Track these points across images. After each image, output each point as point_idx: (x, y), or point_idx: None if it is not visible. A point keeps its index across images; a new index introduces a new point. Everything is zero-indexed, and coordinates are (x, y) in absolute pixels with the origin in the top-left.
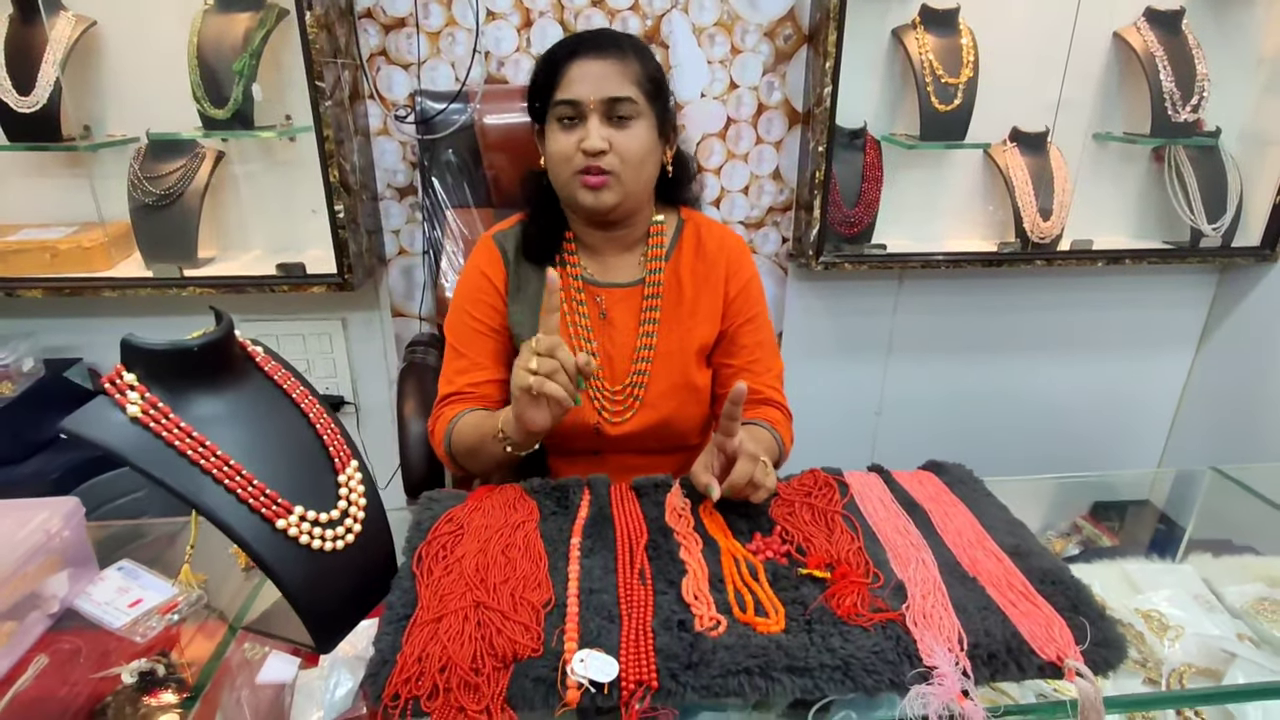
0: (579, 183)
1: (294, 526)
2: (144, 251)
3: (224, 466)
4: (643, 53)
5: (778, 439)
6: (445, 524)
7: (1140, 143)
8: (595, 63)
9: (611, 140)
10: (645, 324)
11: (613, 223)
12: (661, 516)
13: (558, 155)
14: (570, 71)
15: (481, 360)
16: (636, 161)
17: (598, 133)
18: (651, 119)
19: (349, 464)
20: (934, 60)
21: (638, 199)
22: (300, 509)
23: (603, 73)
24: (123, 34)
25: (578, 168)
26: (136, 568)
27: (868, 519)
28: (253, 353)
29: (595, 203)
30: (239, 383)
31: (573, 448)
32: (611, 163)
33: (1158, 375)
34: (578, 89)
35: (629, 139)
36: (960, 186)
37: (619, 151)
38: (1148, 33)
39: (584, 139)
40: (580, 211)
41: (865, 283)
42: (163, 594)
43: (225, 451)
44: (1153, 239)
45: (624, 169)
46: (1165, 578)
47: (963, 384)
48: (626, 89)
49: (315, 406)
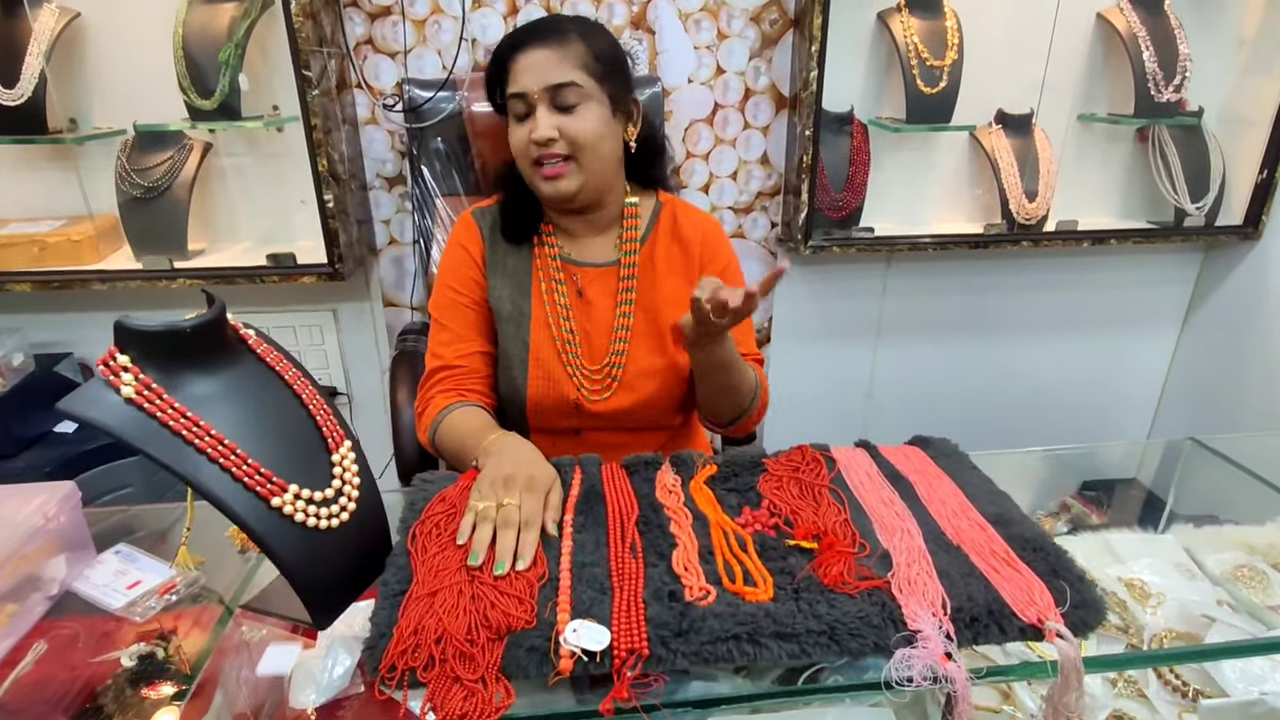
0: (537, 175)
1: (289, 504)
2: (133, 244)
3: (218, 446)
4: (589, 33)
5: (755, 377)
6: (438, 504)
7: (1124, 123)
8: (537, 52)
9: (561, 127)
10: (622, 305)
11: (582, 207)
12: (652, 493)
13: (515, 149)
14: (515, 64)
15: (465, 332)
16: (590, 144)
17: (546, 122)
18: (603, 98)
19: (342, 444)
20: (919, 43)
21: (601, 181)
22: (295, 487)
23: (545, 61)
24: (107, 25)
25: (533, 158)
26: (134, 551)
27: (854, 492)
28: (245, 335)
29: (555, 192)
30: (232, 364)
31: (554, 425)
32: (564, 149)
33: (1143, 353)
34: (522, 81)
35: (578, 122)
36: (946, 169)
37: (569, 137)
38: (1130, 14)
39: (534, 130)
40: (546, 203)
41: (853, 266)
42: (160, 575)
43: (219, 431)
44: (1137, 219)
45: (580, 153)
46: (1147, 547)
47: (951, 365)
48: (568, 74)
49: (308, 388)
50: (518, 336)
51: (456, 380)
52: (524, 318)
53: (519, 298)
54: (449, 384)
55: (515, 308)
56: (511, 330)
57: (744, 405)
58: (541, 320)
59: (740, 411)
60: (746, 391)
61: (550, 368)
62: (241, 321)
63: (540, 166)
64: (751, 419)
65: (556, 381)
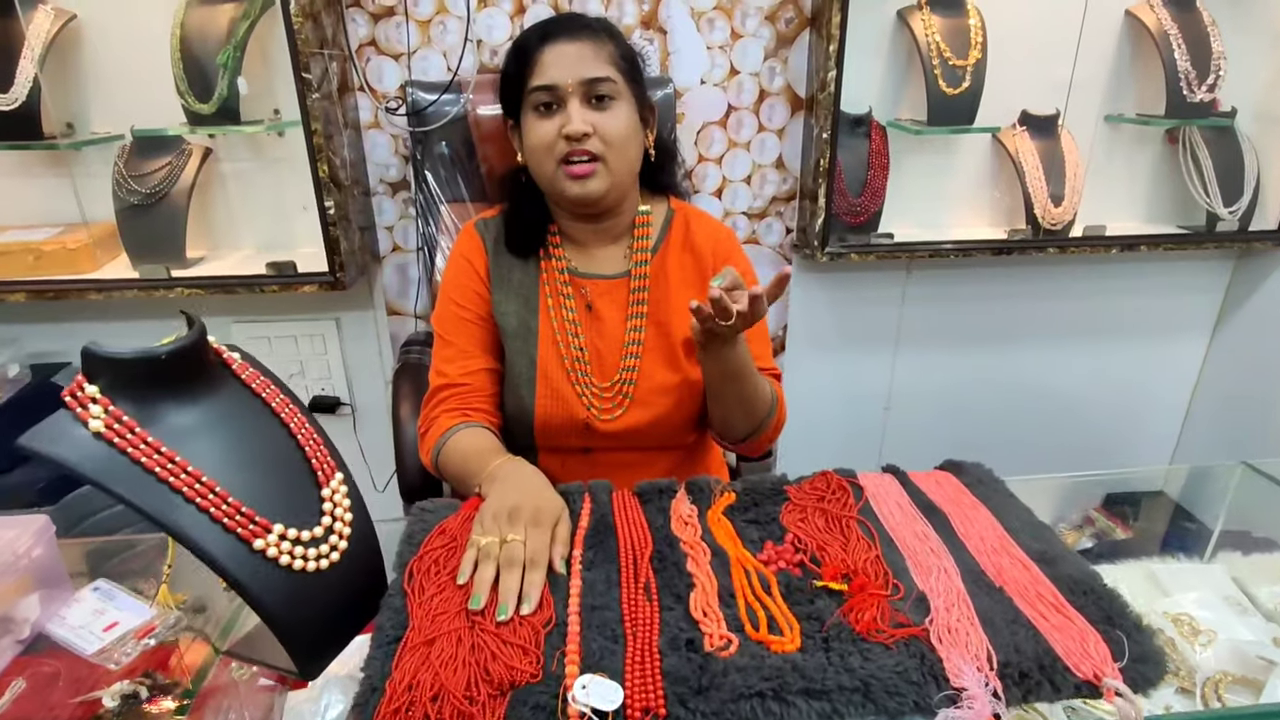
0: (564, 174)
1: (273, 546)
2: (130, 252)
3: (195, 484)
4: (615, 34)
5: (771, 392)
6: (438, 537)
7: (1154, 124)
8: (570, 45)
9: (594, 123)
10: (633, 318)
11: (600, 213)
12: (667, 525)
13: (538, 145)
14: (544, 56)
15: (470, 348)
16: (621, 143)
17: (579, 116)
18: (631, 100)
19: (333, 476)
20: (941, 42)
21: (624, 185)
22: (280, 527)
23: (578, 54)
24: (104, 27)
25: (560, 155)
26: (113, 588)
27: (884, 524)
28: (228, 359)
29: (583, 192)
30: (213, 392)
31: (563, 445)
32: (596, 146)
33: (1171, 363)
34: (554, 73)
35: (612, 120)
36: (968, 172)
37: (602, 134)
38: (1161, 10)
39: (565, 124)
40: (566, 203)
41: (872, 273)
42: (140, 616)
43: (197, 467)
44: (1166, 223)
45: (609, 152)
46: (1192, 578)
47: (972, 375)
48: (604, 68)
49: (296, 416)
50: (524, 353)
51: (461, 399)
52: (531, 334)
53: (525, 313)
54: (453, 403)
55: (521, 324)
56: (518, 347)
57: (758, 420)
58: (549, 336)
59: (755, 427)
60: (761, 406)
61: (559, 386)
62: (226, 344)
63: (568, 164)
64: (767, 435)
65: (565, 400)
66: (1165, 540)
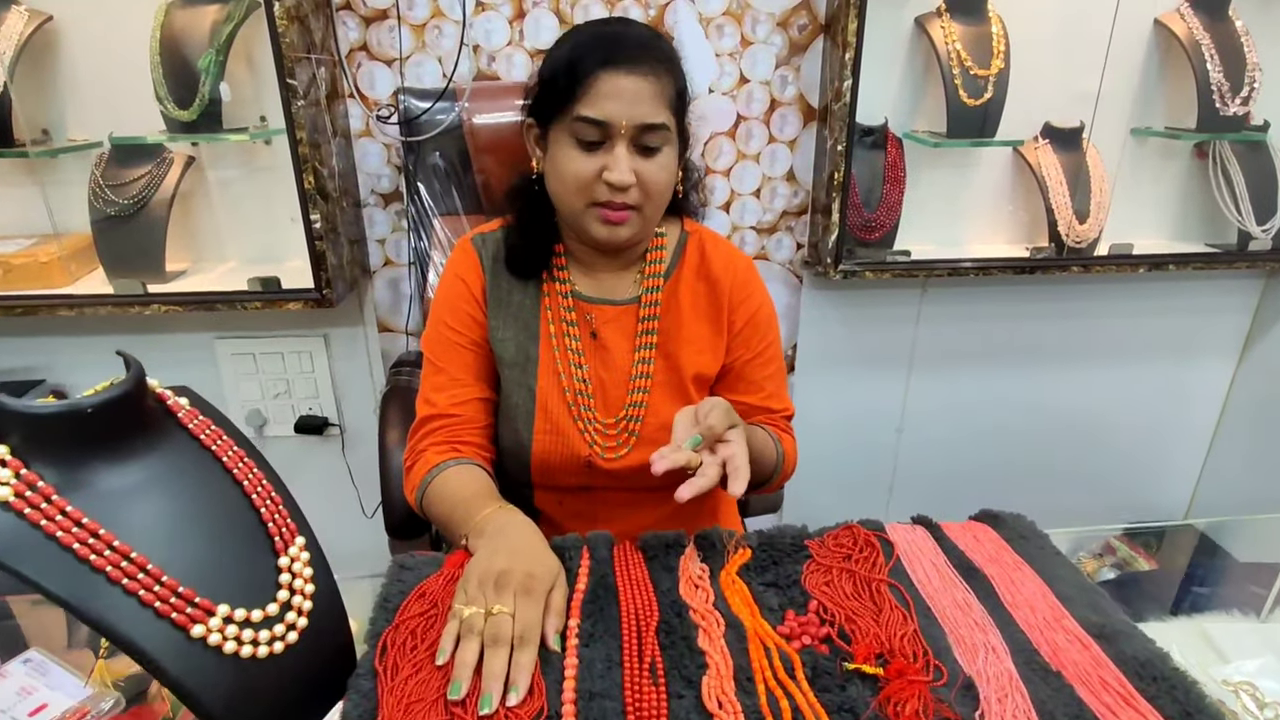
0: (595, 216)
1: (216, 632)
2: (106, 266)
3: (123, 562)
4: (674, 64)
5: (774, 439)
6: (416, 602)
7: (1184, 138)
8: (629, 78)
9: (639, 171)
10: (641, 348)
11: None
12: (674, 587)
13: (571, 179)
14: (600, 85)
15: (461, 376)
16: (661, 193)
17: (625, 164)
18: (676, 142)
19: (293, 541)
20: (961, 50)
21: (653, 227)
22: (225, 608)
23: (637, 92)
24: (82, 29)
25: (595, 199)
26: (47, 660)
27: (920, 589)
28: (173, 406)
29: (611, 237)
30: (151, 448)
31: (562, 483)
32: (635, 198)
33: (1197, 387)
34: (608, 108)
35: (657, 171)
36: (987, 187)
37: (645, 184)
38: (1192, 19)
39: (607, 168)
40: (589, 242)
41: (886, 291)
42: (72, 696)
43: (128, 539)
44: (1193, 241)
45: (648, 204)
46: (1251, 640)
47: (989, 397)
48: (661, 113)
49: (252, 472)
50: (522, 384)
51: (450, 431)
52: (530, 363)
53: (524, 340)
54: (442, 435)
55: (520, 351)
56: (515, 376)
57: (764, 478)
58: (550, 366)
59: (759, 484)
60: (765, 468)
61: (559, 421)
62: (172, 387)
63: (601, 208)
64: (772, 487)
65: (566, 436)
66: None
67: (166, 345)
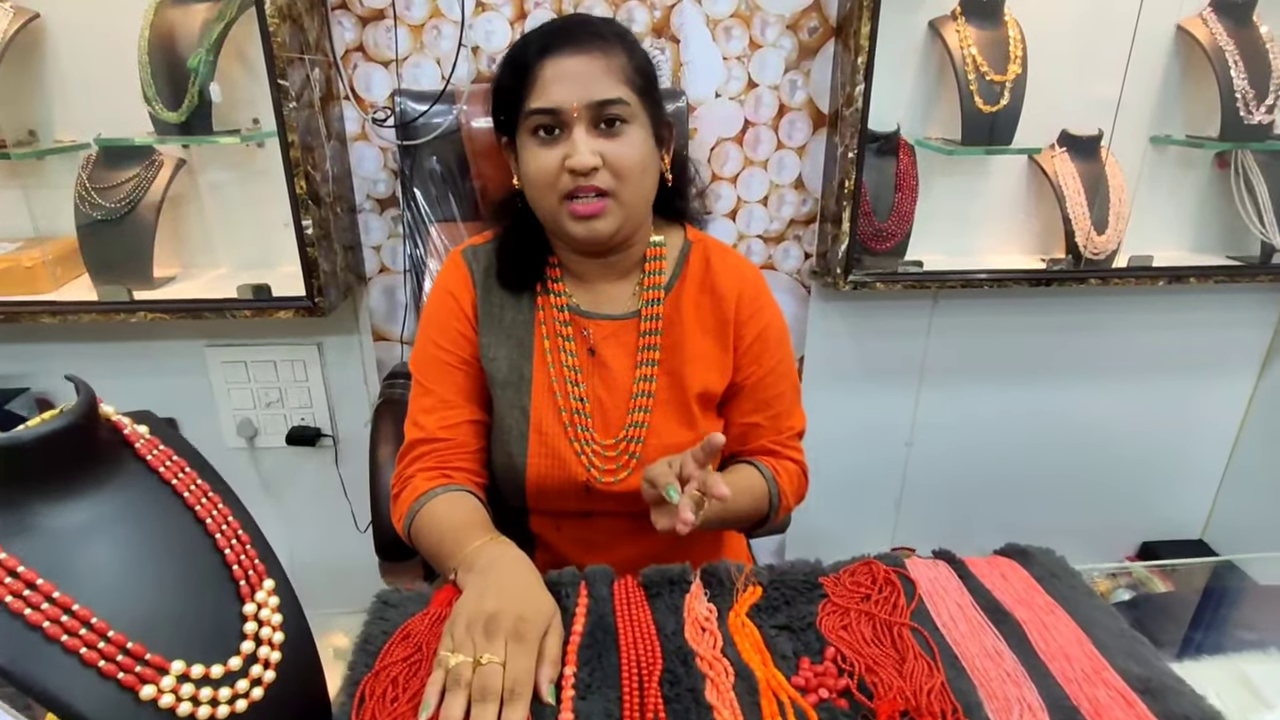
0: (568, 212)
1: (168, 693)
2: (92, 271)
3: (64, 616)
4: (628, 40)
5: (769, 479)
6: (399, 644)
7: (1206, 146)
8: (574, 59)
9: (603, 153)
10: (642, 365)
11: (607, 250)
12: (679, 630)
13: (538, 177)
14: (544, 72)
15: (451, 397)
16: (634, 175)
17: (586, 146)
18: (646, 121)
19: (261, 585)
20: (977, 55)
21: (637, 219)
22: (180, 664)
23: (585, 70)
24: (70, 28)
25: (564, 191)
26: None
27: (945, 634)
28: (130, 436)
29: (589, 233)
30: (103, 483)
31: (558, 508)
32: (606, 181)
33: (1215, 402)
34: (556, 93)
35: (624, 148)
36: (1001, 196)
37: (614, 165)
38: (1215, 24)
39: (569, 155)
40: (570, 243)
41: (896, 303)
42: None
43: (71, 590)
44: (1213, 253)
45: (622, 186)
46: None
47: (1001, 412)
48: (616, 88)
49: (216, 508)
50: (516, 405)
51: (440, 456)
52: (524, 382)
53: (518, 358)
54: (431, 460)
55: (513, 370)
56: (509, 397)
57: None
58: (545, 386)
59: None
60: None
61: (555, 443)
62: (131, 414)
63: (573, 201)
64: (774, 523)
65: (562, 459)
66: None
67: (156, 352)
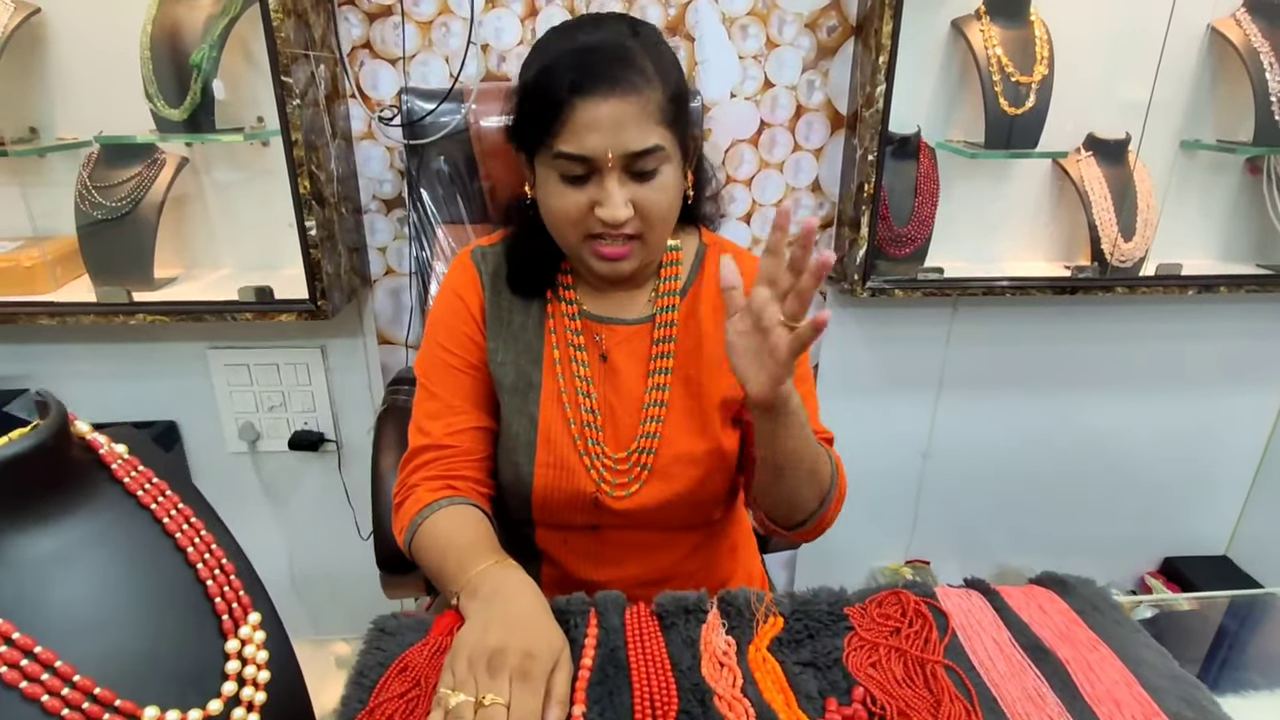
0: (592, 251)
1: None
2: (92, 272)
3: (24, 660)
4: (664, 64)
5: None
6: (396, 679)
7: (1239, 151)
8: (608, 104)
9: (634, 200)
10: (655, 373)
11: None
12: (696, 665)
13: (561, 215)
14: (575, 116)
15: (457, 403)
16: (664, 217)
17: (619, 197)
18: (678, 152)
19: (246, 619)
20: (1002, 55)
21: (661, 250)
22: (154, 710)
23: (619, 117)
24: (73, 22)
25: (589, 232)
26: None
27: (982, 674)
28: (107, 456)
29: (612, 272)
30: (74, 508)
31: (566, 522)
32: (635, 226)
33: (1242, 415)
34: (588, 142)
35: (656, 194)
36: (1024, 201)
37: (645, 213)
38: (1249, 25)
39: (599, 203)
40: (589, 274)
41: (914, 310)
42: None
43: (33, 631)
44: (1243, 261)
45: (650, 230)
46: None
47: (1021, 424)
48: (652, 134)
49: (199, 535)
50: (523, 412)
51: (445, 464)
52: (532, 389)
53: (526, 364)
54: (435, 469)
55: (521, 377)
56: (516, 404)
57: (822, 495)
58: (554, 393)
59: (817, 505)
60: (824, 477)
61: (563, 453)
62: (108, 434)
63: (598, 243)
64: (828, 515)
65: (570, 471)
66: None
67: (159, 355)
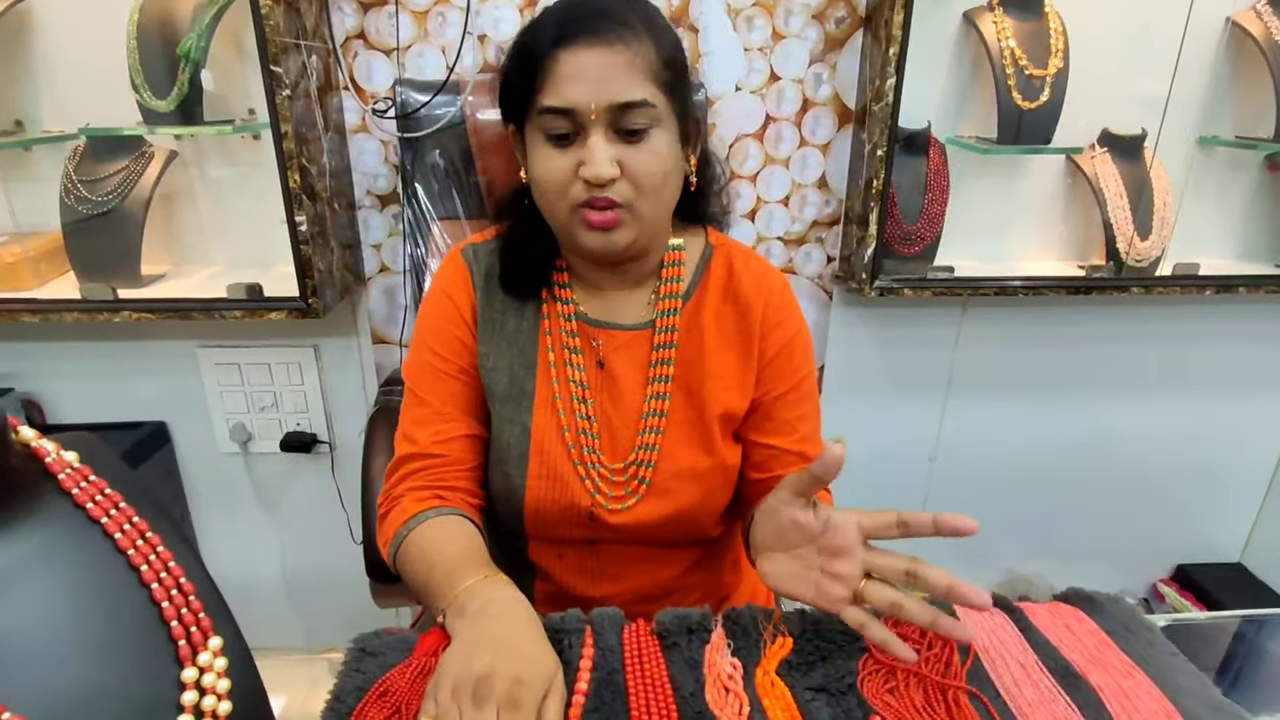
0: (580, 220)
1: None
2: (77, 268)
3: None
4: (657, 25)
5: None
6: (375, 705)
7: (1259, 148)
8: (592, 52)
9: (623, 161)
10: (655, 381)
11: (622, 260)
12: (699, 690)
13: (548, 182)
14: (559, 66)
15: (447, 409)
16: (656, 186)
17: (604, 154)
18: (673, 121)
19: (205, 644)
20: (1016, 48)
21: (655, 230)
22: None
23: (605, 66)
24: (59, 11)
25: (576, 200)
26: None
27: (1009, 701)
28: (53, 466)
29: (603, 245)
30: (16, 524)
31: (560, 536)
32: (624, 192)
33: (1260, 419)
34: (570, 92)
35: (646, 157)
36: (1036, 199)
37: (633, 176)
38: (1270, 18)
39: (584, 162)
40: (582, 254)
41: (922, 310)
42: None
43: None
44: (1262, 261)
45: (640, 199)
46: None
47: (1031, 427)
48: (639, 87)
49: (155, 551)
50: (515, 421)
51: (433, 474)
52: (525, 397)
53: (519, 370)
54: (422, 479)
55: (514, 383)
56: (508, 413)
57: None
58: (548, 401)
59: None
60: None
61: (557, 465)
62: (57, 442)
63: (587, 210)
64: None
65: (564, 483)
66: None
67: (147, 353)
